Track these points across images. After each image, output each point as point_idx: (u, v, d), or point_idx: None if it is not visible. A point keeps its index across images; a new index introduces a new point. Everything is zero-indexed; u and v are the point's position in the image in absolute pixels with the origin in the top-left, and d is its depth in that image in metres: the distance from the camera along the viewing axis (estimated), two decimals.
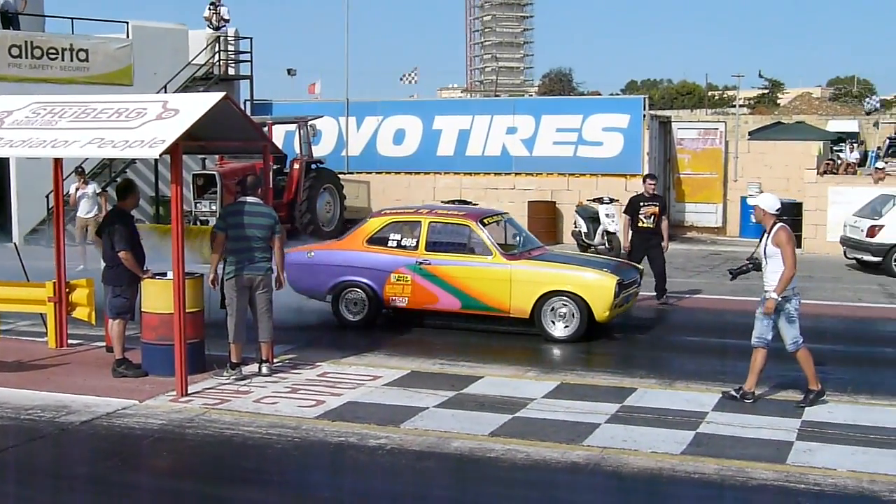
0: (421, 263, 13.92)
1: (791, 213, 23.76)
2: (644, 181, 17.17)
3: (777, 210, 10.42)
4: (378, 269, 14.17)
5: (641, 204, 16.49)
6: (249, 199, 11.36)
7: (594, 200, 22.99)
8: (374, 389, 10.87)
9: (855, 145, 47.76)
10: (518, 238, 14.81)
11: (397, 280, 14.05)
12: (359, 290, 14.35)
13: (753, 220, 25.00)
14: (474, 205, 23.37)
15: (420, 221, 14.23)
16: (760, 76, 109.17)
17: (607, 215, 22.04)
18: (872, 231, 20.12)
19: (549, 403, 10.32)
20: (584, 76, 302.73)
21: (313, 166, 25.28)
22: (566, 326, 13.44)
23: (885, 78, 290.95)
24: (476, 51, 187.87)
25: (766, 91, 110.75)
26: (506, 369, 11.92)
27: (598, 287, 13.43)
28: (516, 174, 26.16)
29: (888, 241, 19.92)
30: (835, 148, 44.41)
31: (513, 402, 10.31)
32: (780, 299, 10.11)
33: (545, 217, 25.18)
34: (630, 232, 16.57)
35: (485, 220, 14.24)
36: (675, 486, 8.08)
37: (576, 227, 23.07)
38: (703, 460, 8.55)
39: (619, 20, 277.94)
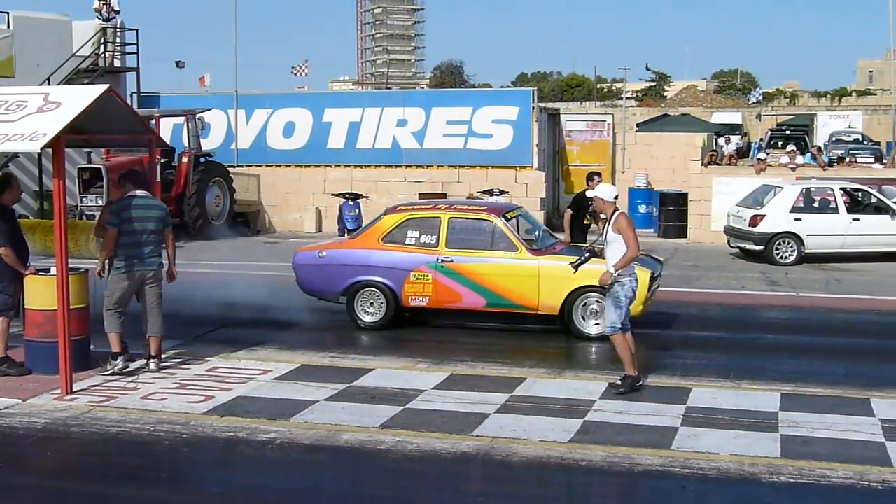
0: (443, 261, 13.44)
1: (676, 204, 24.35)
2: (590, 179, 16.91)
3: (614, 198, 10.72)
4: (396, 267, 13.62)
5: (589, 203, 16.46)
6: (139, 193, 11.18)
7: (484, 192, 23.09)
8: (263, 384, 10.79)
9: (733, 138, 48.84)
10: (535, 233, 14.29)
11: (417, 279, 13.51)
12: (376, 290, 13.77)
13: (642, 211, 25.68)
14: (365, 197, 23.36)
15: (439, 217, 13.70)
16: (648, 69, 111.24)
17: None
18: (754, 220, 20.63)
19: (439, 394, 10.36)
20: (475, 69, 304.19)
21: (202, 159, 24.98)
22: (597, 324, 13.02)
23: (768, 72, 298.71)
24: (367, 43, 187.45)
25: (653, 84, 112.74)
26: (396, 361, 11.94)
27: None
28: (407, 166, 26.20)
29: (769, 230, 20.46)
30: (719, 139, 45.43)
31: (403, 394, 10.33)
32: (615, 274, 10.41)
33: None
34: (570, 228, 16.36)
35: (507, 215, 13.87)
36: (564, 474, 8.19)
37: None
38: (591, 448, 8.68)
39: (509, 13, 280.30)
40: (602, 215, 10.89)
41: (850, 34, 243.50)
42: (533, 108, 25.37)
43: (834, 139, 49.03)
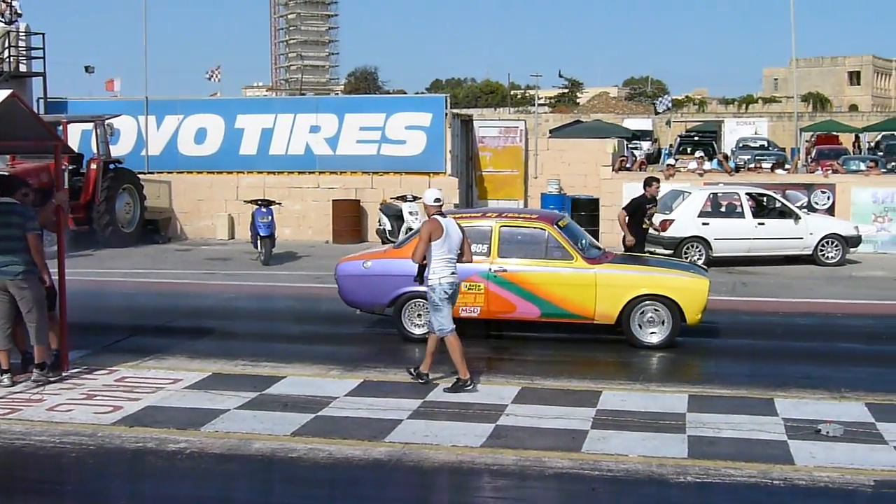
0: (496, 271, 13.13)
1: (588, 209, 24.57)
2: (649, 185, 17.00)
3: (434, 201, 11.06)
4: None
5: (648, 207, 16.62)
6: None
7: (398, 198, 23.16)
8: (174, 393, 10.67)
9: (644, 144, 49.62)
10: (581, 241, 13.79)
11: (469, 289, 12.98)
12: (424, 300, 12.79)
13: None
14: (278, 204, 23.21)
15: (490, 226, 13.36)
16: (561, 76, 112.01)
17: (411, 213, 22.22)
18: (664, 225, 20.90)
19: (351, 401, 10.35)
20: (389, 75, 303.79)
21: (111, 166, 24.57)
22: (654, 332, 12.98)
23: (677, 79, 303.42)
24: (281, 49, 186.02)
25: (566, 90, 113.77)
26: (309, 368, 11.88)
27: (692, 290, 13.10)
28: (320, 173, 26.07)
29: (678, 234, 20.79)
30: (630, 145, 46.04)
31: (316, 401, 10.30)
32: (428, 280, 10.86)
33: (350, 215, 25.21)
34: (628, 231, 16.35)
35: (559, 223, 13.60)
36: (475, 478, 8.24)
37: (380, 224, 23.19)
38: (503, 452, 8.75)
39: (424, 20, 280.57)
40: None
41: (756, 43, 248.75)
42: (446, 114, 25.44)
43: (741, 145, 50.06)
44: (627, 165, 27.83)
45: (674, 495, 7.90)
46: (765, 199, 21.71)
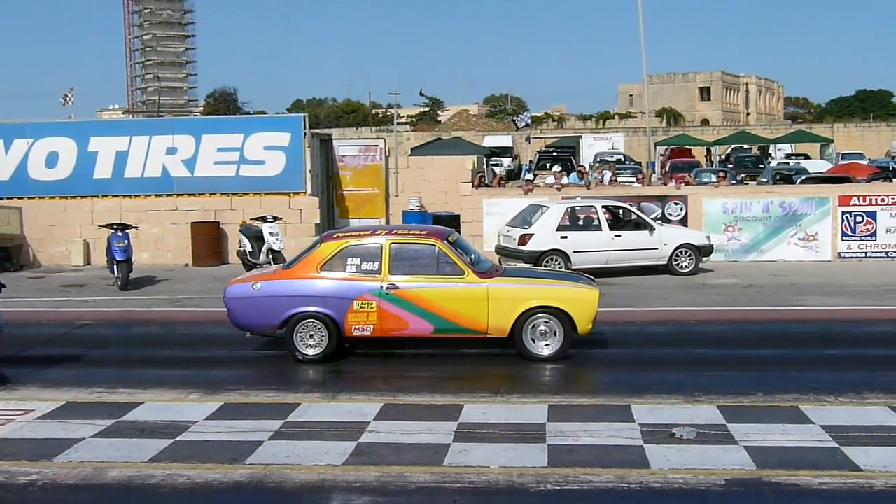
0: (388, 288, 13.04)
1: (449, 225, 24.70)
2: None
3: None
4: (338, 296, 13.11)
5: None
6: None
7: (258, 219, 22.91)
8: (25, 424, 10.33)
9: (506, 160, 50.28)
10: (471, 256, 13.75)
11: (361, 307, 13.04)
12: (316, 321, 13.21)
13: None
14: (134, 227, 22.75)
15: (380, 243, 13.28)
16: (421, 94, 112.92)
17: (271, 233, 22.01)
18: (523, 239, 21.23)
19: (211, 424, 10.19)
20: (249, 96, 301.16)
21: None
22: (547, 345, 13.12)
23: (537, 96, 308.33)
24: (137, 70, 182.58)
25: (427, 109, 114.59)
26: (167, 393, 11.65)
27: (583, 300, 13.26)
28: (178, 195, 25.64)
29: (538, 248, 21.09)
30: (490, 162, 46.57)
31: (174, 426, 10.11)
32: None
33: (209, 238, 24.87)
34: None
35: (449, 239, 13.58)
36: (338, 496, 8.20)
37: (240, 246, 22.88)
38: (365, 469, 8.73)
39: (283, 40, 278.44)
40: None
41: (612, 60, 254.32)
42: (305, 133, 25.33)
43: (598, 160, 51.09)
44: (486, 181, 28.12)
45: (533, 503, 8.00)
46: (621, 211, 22.20)
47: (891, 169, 37.15)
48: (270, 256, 22.00)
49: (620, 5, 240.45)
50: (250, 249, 22.43)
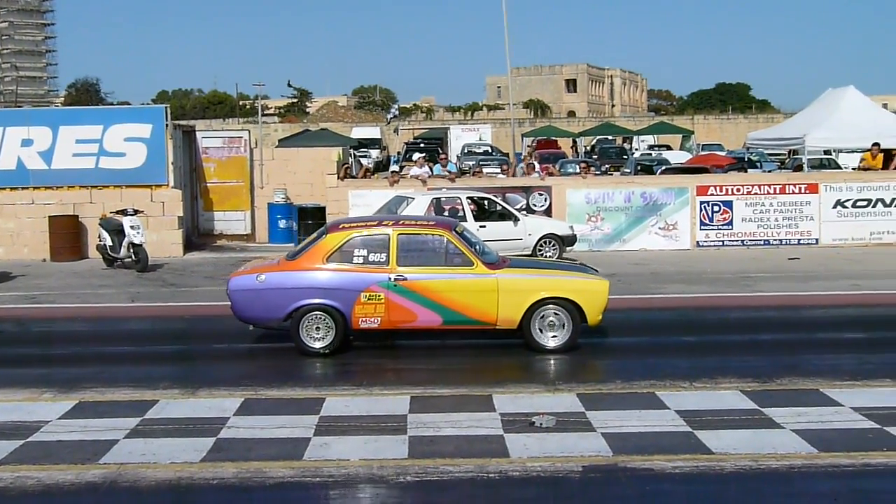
0: (396, 280, 12.80)
1: (315, 217, 24.63)
2: None
3: None
4: (345, 288, 12.84)
5: None
6: None
7: (118, 212, 22.38)
8: None
9: (375, 152, 50.29)
10: (477, 247, 13.58)
11: (369, 299, 12.81)
12: (322, 313, 12.89)
13: (282, 226, 25.82)
14: None
15: (387, 234, 13.04)
16: (290, 86, 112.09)
17: (132, 227, 21.54)
18: None
19: (65, 424, 9.91)
20: (113, 86, 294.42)
21: None
22: (554, 336, 13.02)
23: (406, 88, 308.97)
24: None
25: (295, 100, 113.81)
26: (19, 393, 11.24)
27: (594, 291, 13.19)
28: (35, 188, 24.78)
29: None
30: (358, 153, 46.44)
31: (25, 427, 9.78)
32: None
33: (68, 232, 24.12)
34: None
35: (457, 229, 13.38)
36: (194, 494, 8.07)
37: (100, 240, 22.36)
38: (223, 465, 8.61)
39: (147, 29, 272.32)
40: None
41: (480, 52, 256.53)
42: (167, 125, 24.80)
43: (466, 151, 51.49)
44: (352, 173, 28.02)
45: (392, 495, 8.01)
46: (485, 202, 22.36)
47: (746, 160, 38.26)
48: (132, 250, 21.56)
49: None
50: (111, 243, 21.95)
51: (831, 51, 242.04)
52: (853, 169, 29.70)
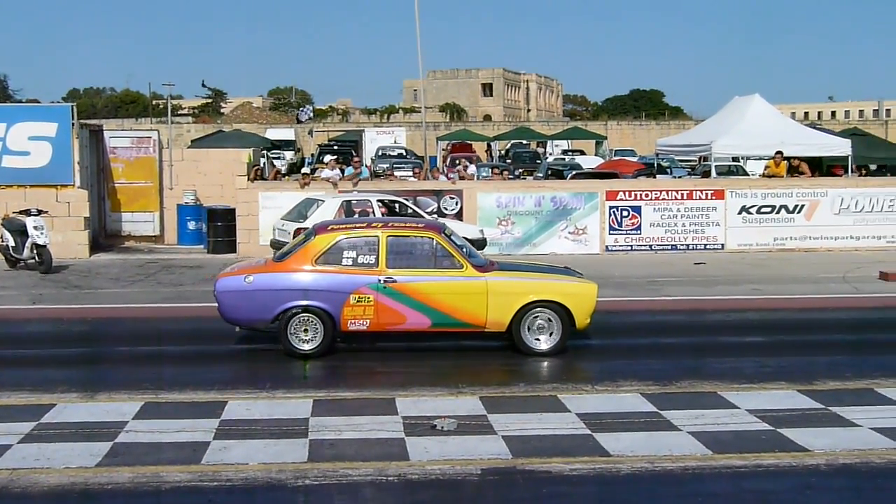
0: (386, 282, 12.68)
1: (225, 219, 24.38)
2: None
3: None
4: (334, 290, 12.72)
5: None
6: None
7: (22, 212, 21.91)
8: None
9: (289, 153, 50.05)
10: (464, 249, 13.50)
11: (358, 301, 12.71)
12: (311, 315, 12.74)
13: (191, 228, 25.52)
14: None
15: (377, 236, 12.95)
16: (204, 86, 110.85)
17: (36, 227, 21.11)
18: (298, 233, 21.05)
19: None
20: (22, 83, 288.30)
21: None
22: (543, 339, 13.03)
23: (323, 90, 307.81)
24: None
25: (209, 100, 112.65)
26: None
27: (582, 294, 13.19)
28: None
29: None
30: (271, 155, 46.16)
31: None
32: None
33: None
34: None
35: (446, 232, 13.30)
36: (88, 500, 7.95)
37: (3, 241, 21.88)
38: (118, 470, 8.50)
39: (57, 26, 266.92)
40: None
41: (398, 55, 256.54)
42: (73, 124, 24.35)
43: (380, 154, 51.47)
44: (264, 175, 27.83)
45: (289, 498, 7.98)
46: (396, 205, 22.34)
47: (656, 166, 38.81)
48: (35, 251, 21.14)
49: None
50: (13, 244, 21.49)
51: (741, 59, 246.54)
52: (760, 176, 30.29)
